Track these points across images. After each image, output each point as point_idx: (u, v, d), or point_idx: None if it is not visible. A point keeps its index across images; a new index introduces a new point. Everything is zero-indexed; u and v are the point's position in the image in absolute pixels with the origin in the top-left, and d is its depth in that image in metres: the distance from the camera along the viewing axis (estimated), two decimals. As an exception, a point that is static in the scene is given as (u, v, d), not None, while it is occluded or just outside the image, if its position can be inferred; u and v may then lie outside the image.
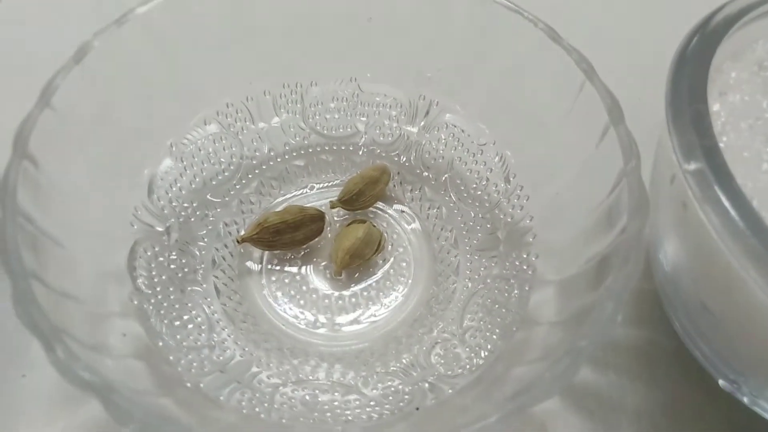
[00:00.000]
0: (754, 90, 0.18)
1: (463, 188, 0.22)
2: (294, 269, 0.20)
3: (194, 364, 0.17)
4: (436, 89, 0.22)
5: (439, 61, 0.21)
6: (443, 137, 0.22)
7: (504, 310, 0.18)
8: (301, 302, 0.19)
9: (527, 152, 0.20)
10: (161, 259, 0.19)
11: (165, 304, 0.18)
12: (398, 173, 0.22)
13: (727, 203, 0.13)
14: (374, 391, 0.17)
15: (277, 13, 0.21)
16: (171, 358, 0.16)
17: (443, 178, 0.22)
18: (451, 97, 0.22)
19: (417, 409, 0.16)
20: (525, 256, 0.19)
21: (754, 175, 0.16)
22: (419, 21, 0.21)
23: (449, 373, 0.17)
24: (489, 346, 0.17)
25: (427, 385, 0.17)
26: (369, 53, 0.22)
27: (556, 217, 0.19)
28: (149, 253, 0.18)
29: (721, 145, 0.16)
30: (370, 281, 0.20)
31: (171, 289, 0.18)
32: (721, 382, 0.17)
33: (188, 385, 0.16)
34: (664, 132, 0.16)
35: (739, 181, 0.15)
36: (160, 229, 0.19)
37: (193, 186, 0.21)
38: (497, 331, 0.18)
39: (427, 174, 0.22)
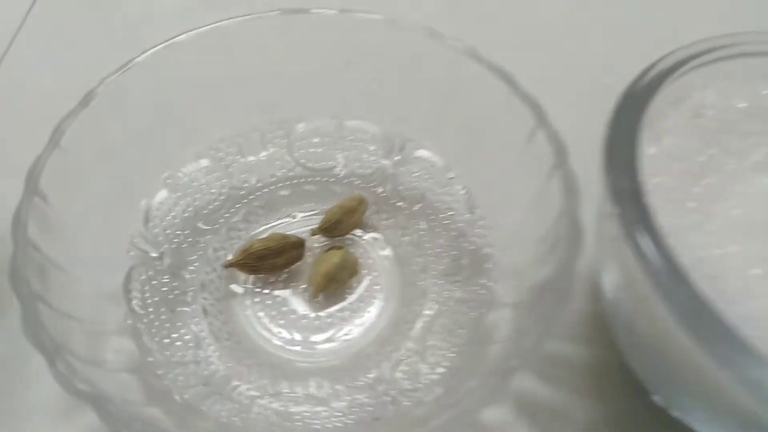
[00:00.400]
0: (688, 135, 0.20)
1: (433, 218, 0.23)
2: (276, 292, 0.22)
3: (180, 378, 0.19)
4: (410, 127, 0.24)
5: (413, 103, 0.23)
6: (416, 171, 0.24)
7: (463, 331, 0.20)
8: (281, 322, 0.21)
9: (488, 186, 0.22)
10: (155, 282, 0.21)
11: (156, 324, 0.20)
12: (375, 203, 0.24)
13: (644, 245, 0.15)
14: (341, 403, 0.19)
15: (266, 58, 0.24)
16: (160, 372, 0.18)
17: (415, 209, 0.24)
18: (423, 135, 0.24)
19: (377, 419, 0.17)
20: (485, 281, 0.21)
21: (680, 213, 0.18)
22: (395, 66, 0.23)
23: (409, 387, 0.19)
24: (447, 363, 0.19)
25: (389, 398, 0.19)
26: (350, 94, 0.24)
27: (512, 245, 0.21)
28: (143, 277, 0.21)
29: (653, 184, 0.18)
30: (345, 303, 0.22)
31: (162, 309, 0.20)
32: (655, 397, 0.19)
33: (175, 397, 0.18)
34: (601, 173, 0.18)
35: (665, 218, 0.17)
36: (154, 254, 0.21)
37: (186, 215, 0.23)
38: (455, 349, 0.20)
39: (401, 204, 0.24)
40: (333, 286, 0.22)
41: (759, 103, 0.21)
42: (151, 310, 0.20)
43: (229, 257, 0.22)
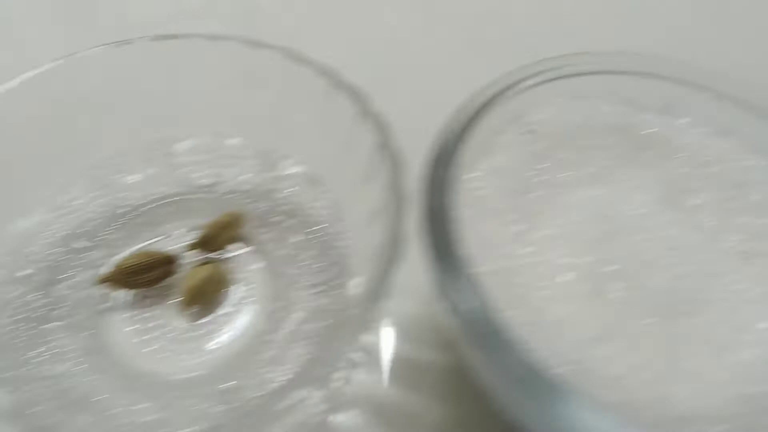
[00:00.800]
0: (522, 150, 0.21)
1: (306, 231, 0.25)
2: (148, 306, 0.23)
3: (39, 392, 0.19)
4: (284, 145, 0.25)
5: (284, 122, 0.25)
6: (291, 186, 0.25)
7: (318, 337, 0.21)
8: (154, 335, 0.22)
9: (350, 201, 0.23)
10: (26, 298, 0.22)
11: (23, 338, 0.20)
12: (255, 218, 0.25)
13: (437, 263, 0.16)
14: (196, 412, 0.20)
15: (147, 80, 0.25)
16: (22, 387, 0.19)
17: (291, 222, 0.25)
18: (296, 152, 0.25)
19: (221, 425, 0.18)
20: (342, 290, 0.22)
21: (502, 224, 0.19)
22: (265, 87, 0.24)
23: (258, 393, 0.20)
24: (297, 369, 0.20)
25: (238, 404, 0.20)
26: (229, 114, 0.25)
27: (363, 257, 0.22)
28: (15, 294, 0.21)
29: (479, 197, 0.19)
30: (215, 315, 0.23)
31: (33, 325, 0.21)
32: (491, 400, 0.20)
33: (31, 410, 0.19)
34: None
35: (482, 225, 0.18)
36: (30, 271, 0.22)
37: (66, 233, 0.24)
38: (308, 355, 0.21)
39: (278, 218, 0.25)
40: (201, 299, 0.23)
41: (595, 118, 0.22)
42: (19, 326, 0.21)
43: (106, 274, 0.23)
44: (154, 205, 0.25)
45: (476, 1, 0.38)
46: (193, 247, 0.24)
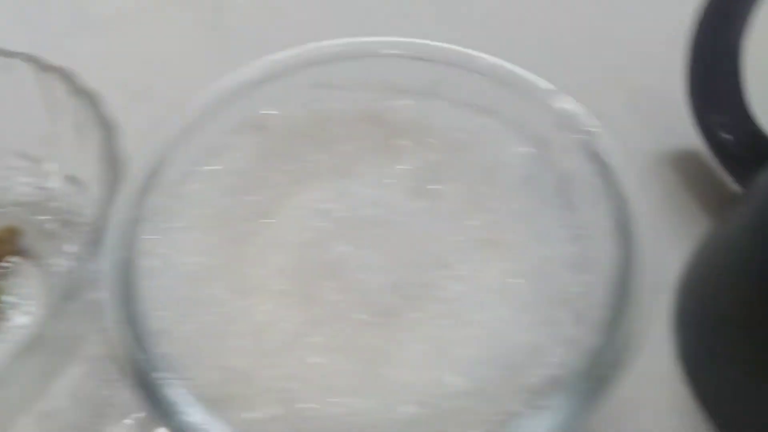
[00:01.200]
0: (248, 150, 0.20)
1: (81, 241, 0.24)
2: None
3: None
4: (54, 156, 0.25)
5: (49, 134, 0.24)
6: (66, 196, 0.25)
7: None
8: None
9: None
10: None
11: None
12: (32, 230, 0.25)
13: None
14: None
15: None
16: None
17: (67, 233, 0.24)
18: (66, 162, 0.24)
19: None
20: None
21: (212, 228, 0.18)
22: (23, 102, 0.23)
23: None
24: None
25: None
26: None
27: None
28: None
29: (195, 200, 0.19)
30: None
31: None
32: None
33: None
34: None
35: (192, 232, 0.18)
36: None
37: None
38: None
39: (55, 229, 0.25)
40: (-33, 319, 0.22)
41: (343, 108, 0.21)
42: None
43: None
44: (-71, 224, 0.25)
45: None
46: (-37, 265, 0.24)
